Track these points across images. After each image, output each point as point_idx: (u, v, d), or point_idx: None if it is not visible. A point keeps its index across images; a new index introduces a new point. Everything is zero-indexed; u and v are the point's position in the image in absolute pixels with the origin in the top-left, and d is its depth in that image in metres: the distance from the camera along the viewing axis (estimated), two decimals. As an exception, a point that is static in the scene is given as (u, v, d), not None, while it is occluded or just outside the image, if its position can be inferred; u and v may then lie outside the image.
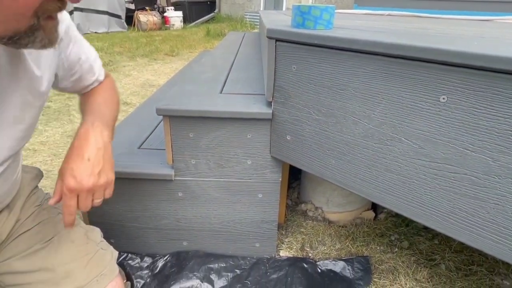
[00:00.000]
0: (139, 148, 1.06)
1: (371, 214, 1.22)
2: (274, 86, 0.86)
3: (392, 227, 1.18)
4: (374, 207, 1.23)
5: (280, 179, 0.98)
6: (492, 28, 1.11)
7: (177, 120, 0.91)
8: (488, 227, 0.59)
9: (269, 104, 0.91)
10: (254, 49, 1.97)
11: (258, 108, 0.89)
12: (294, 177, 1.40)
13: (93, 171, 0.53)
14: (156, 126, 1.22)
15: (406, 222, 1.18)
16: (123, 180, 0.95)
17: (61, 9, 0.43)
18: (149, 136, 1.14)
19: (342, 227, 1.18)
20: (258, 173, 0.97)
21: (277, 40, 0.81)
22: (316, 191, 1.22)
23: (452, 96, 0.58)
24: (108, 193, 0.57)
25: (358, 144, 0.73)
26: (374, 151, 0.70)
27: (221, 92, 1.06)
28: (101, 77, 0.67)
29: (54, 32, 0.44)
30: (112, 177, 0.57)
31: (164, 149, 0.97)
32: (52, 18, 0.42)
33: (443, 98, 0.59)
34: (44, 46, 0.44)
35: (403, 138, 0.65)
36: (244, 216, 1.02)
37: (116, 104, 0.66)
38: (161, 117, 0.91)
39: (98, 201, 0.54)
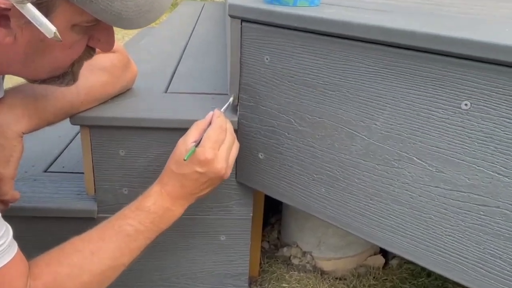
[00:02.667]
0: (45, 171, 1.04)
1: (379, 260, 1.24)
2: (240, 83, 0.87)
3: (409, 278, 1.20)
4: (384, 250, 1.26)
5: (251, 214, 0.99)
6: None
7: (101, 131, 0.90)
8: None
9: (233, 108, 0.92)
10: (216, 26, 1.99)
11: (215, 108, 0.89)
12: (273, 209, 1.41)
13: None
14: (71, 141, 1.21)
15: (428, 271, 1.21)
16: (20, 220, 0.92)
17: (92, 56, 0.64)
18: (60, 155, 1.13)
19: (340, 279, 1.19)
20: (219, 206, 0.97)
21: (243, 20, 0.82)
22: (303, 229, 1.23)
23: (477, 102, 0.61)
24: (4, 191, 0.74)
25: (356, 166, 0.74)
26: (377, 175, 0.72)
27: (166, 91, 1.06)
28: None
29: (79, 72, 0.67)
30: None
31: (82, 173, 0.95)
32: (82, 63, 0.64)
33: (466, 104, 0.62)
34: (67, 85, 0.67)
35: (414, 158, 0.67)
36: (200, 268, 1.01)
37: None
38: (77, 127, 0.90)
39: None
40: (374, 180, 0.73)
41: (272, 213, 1.42)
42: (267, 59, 0.81)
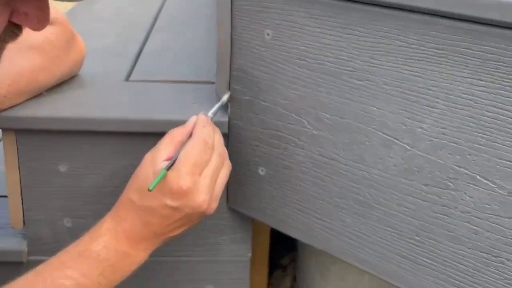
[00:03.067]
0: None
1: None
2: (232, 69, 0.88)
3: None
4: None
5: (250, 255, 1.00)
6: None
7: (32, 138, 0.91)
8: None
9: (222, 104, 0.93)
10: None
11: (200, 112, 0.91)
12: (286, 245, 1.42)
13: None
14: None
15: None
16: None
17: (17, 36, 0.64)
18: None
19: None
20: (205, 244, 0.99)
21: (234, -23, 0.84)
22: (328, 275, 1.24)
23: None
24: None
25: (394, 187, 0.75)
26: (426, 200, 0.73)
27: (127, 79, 1.08)
28: None
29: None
30: None
31: (5, 197, 0.97)
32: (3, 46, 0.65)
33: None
34: None
35: (478, 176, 0.68)
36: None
37: None
38: (-3, 132, 0.92)
39: None
40: (421, 208, 0.73)
41: (285, 250, 1.42)
42: (268, 34, 0.82)
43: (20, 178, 0.93)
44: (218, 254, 0.99)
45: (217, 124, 0.91)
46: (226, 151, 0.82)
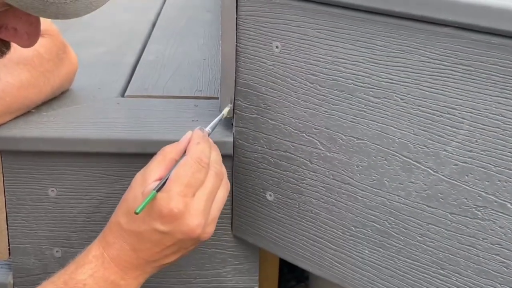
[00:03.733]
0: None
1: None
2: (237, 83, 0.88)
3: None
4: None
5: (257, 287, 0.99)
6: None
7: (19, 160, 0.92)
8: None
9: (227, 122, 0.92)
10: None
11: (197, 127, 0.90)
12: (295, 275, 1.41)
13: None
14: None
15: None
16: None
17: (4, 54, 0.65)
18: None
19: None
20: (207, 275, 0.98)
21: (240, -15, 0.84)
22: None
23: None
24: None
25: (417, 215, 0.75)
26: (451, 230, 0.72)
27: (123, 94, 1.08)
28: None
29: None
30: None
31: (-9, 225, 0.96)
32: None
33: None
34: None
35: (508, 204, 0.67)
36: None
37: None
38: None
39: None
40: (446, 238, 0.73)
41: (296, 280, 1.42)
42: (277, 47, 0.82)
43: (5, 203, 0.93)
44: (221, 287, 0.99)
45: (221, 144, 0.90)
46: (224, 170, 0.82)
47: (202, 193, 0.76)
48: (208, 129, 0.83)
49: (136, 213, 0.72)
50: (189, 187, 0.75)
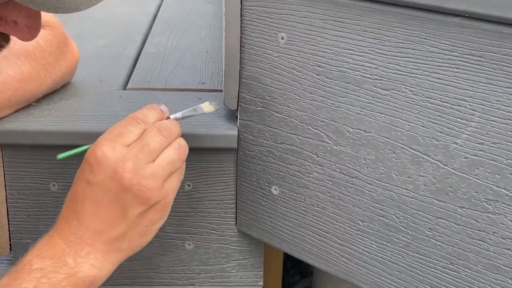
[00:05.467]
0: None
1: None
2: (241, 76, 0.88)
3: None
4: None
5: (262, 283, 0.99)
6: None
7: (20, 153, 0.91)
8: None
9: (231, 115, 0.92)
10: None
11: (205, 124, 0.90)
12: (299, 271, 1.41)
13: None
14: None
15: None
16: None
17: (3, 47, 0.65)
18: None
19: None
20: (210, 271, 0.98)
21: (243, -26, 0.83)
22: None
23: None
24: None
25: (426, 209, 0.74)
26: (461, 224, 0.72)
27: (125, 87, 1.07)
28: None
29: None
30: None
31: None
32: None
33: None
34: None
35: (521, 198, 0.67)
36: None
37: None
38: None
39: None
40: (456, 232, 0.72)
41: (300, 276, 1.42)
42: (282, 38, 0.81)
43: (6, 198, 0.93)
44: (225, 282, 0.98)
45: (225, 137, 0.90)
46: (176, 131, 0.78)
47: (136, 143, 0.74)
48: (177, 114, 0.82)
49: (58, 159, 0.74)
50: (119, 135, 0.74)
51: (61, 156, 0.72)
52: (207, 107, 0.86)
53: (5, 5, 0.58)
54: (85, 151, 0.73)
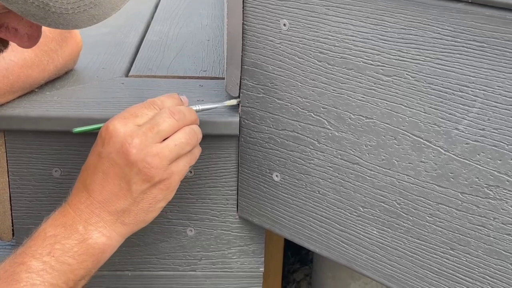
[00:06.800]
0: None
1: None
2: (243, 62, 0.88)
3: None
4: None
5: (262, 269, 0.99)
6: None
7: (23, 139, 0.91)
8: None
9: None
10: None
11: (207, 111, 0.90)
12: (299, 258, 1.41)
13: None
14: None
15: None
16: None
17: (1, 52, 0.68)
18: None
19: None
20: (212, 257, 0.98)
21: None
22: (346, 290, 1.23)
23: None
24: None
25: (427, 195, 0.74)
26: (462, 210, 0.72)
27: (127, 74, 1.07)
28: None
29: None
30: None
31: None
32: None
33: None
34: None
35: (523, 184, 0.67)
36: None
37: None
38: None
39: None
40: (457, 218, 0.72)
41: (300, 262, 1.42)
42: (284, 25, 0.81)
43: (9, 183, 0.93)
44: (226, 268, 0.99)
45: (226, 124, 0.90)
46: (191, 118, 0.80)
47: (147, 123, 0.76)
48: (197, 106, 0.84)
49: (74, 132, 0.77)
50: (133, 115, 0.76)
51: (76, 130, 0.75)
52: (230, 103, 0.89)
53: (7, 13, 0.59)
54: (99, 128, 0.76)
